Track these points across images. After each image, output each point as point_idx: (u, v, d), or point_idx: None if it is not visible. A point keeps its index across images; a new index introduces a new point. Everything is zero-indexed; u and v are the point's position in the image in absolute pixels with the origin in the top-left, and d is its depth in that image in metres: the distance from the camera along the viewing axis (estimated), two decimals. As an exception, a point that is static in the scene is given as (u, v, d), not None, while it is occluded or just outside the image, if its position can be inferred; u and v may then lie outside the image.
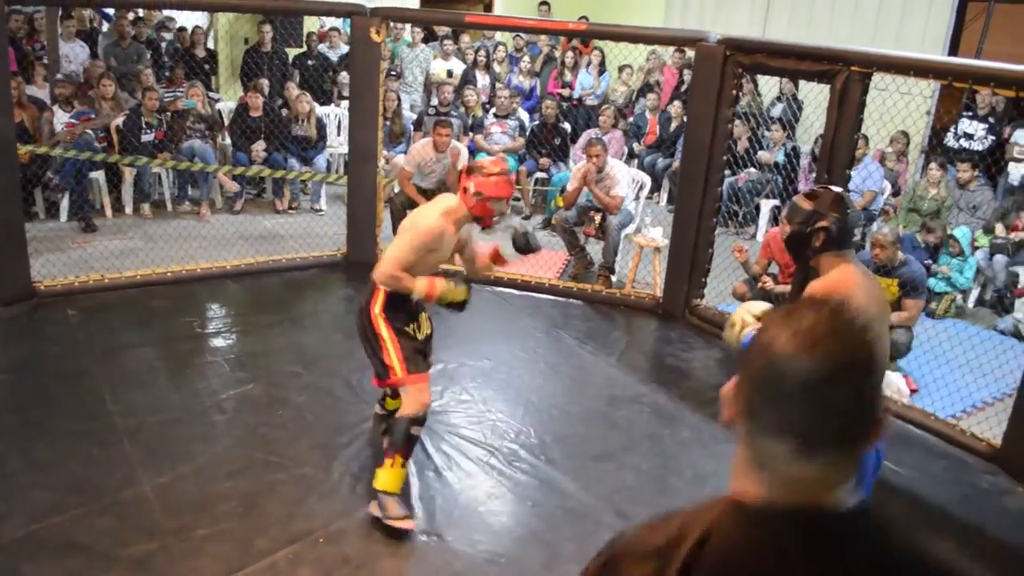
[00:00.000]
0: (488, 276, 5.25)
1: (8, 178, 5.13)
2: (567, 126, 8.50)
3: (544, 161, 8.15)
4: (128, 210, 7.36)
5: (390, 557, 3.23)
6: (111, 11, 8.87)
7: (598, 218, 6.37)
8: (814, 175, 5.27)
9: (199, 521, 3.31)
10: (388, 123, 7.76)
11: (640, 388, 4.69)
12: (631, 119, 9.20)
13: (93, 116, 7.25)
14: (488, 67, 9.57)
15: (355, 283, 5.88)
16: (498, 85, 9.16)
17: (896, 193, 7.48)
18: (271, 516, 3.38)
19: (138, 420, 4.01)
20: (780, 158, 7.67)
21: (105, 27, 9.09)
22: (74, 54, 8.23)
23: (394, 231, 6.23)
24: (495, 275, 5.73)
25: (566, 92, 9.40)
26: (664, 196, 8.56)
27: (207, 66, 8.73)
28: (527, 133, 8.34)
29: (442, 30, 9.91)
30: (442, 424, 4.12)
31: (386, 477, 3.34)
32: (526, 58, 9.70)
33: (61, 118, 7.03)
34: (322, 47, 9.36)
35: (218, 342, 5.01)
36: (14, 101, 5.58)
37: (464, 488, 3.66)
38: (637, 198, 6.73)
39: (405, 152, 7.14)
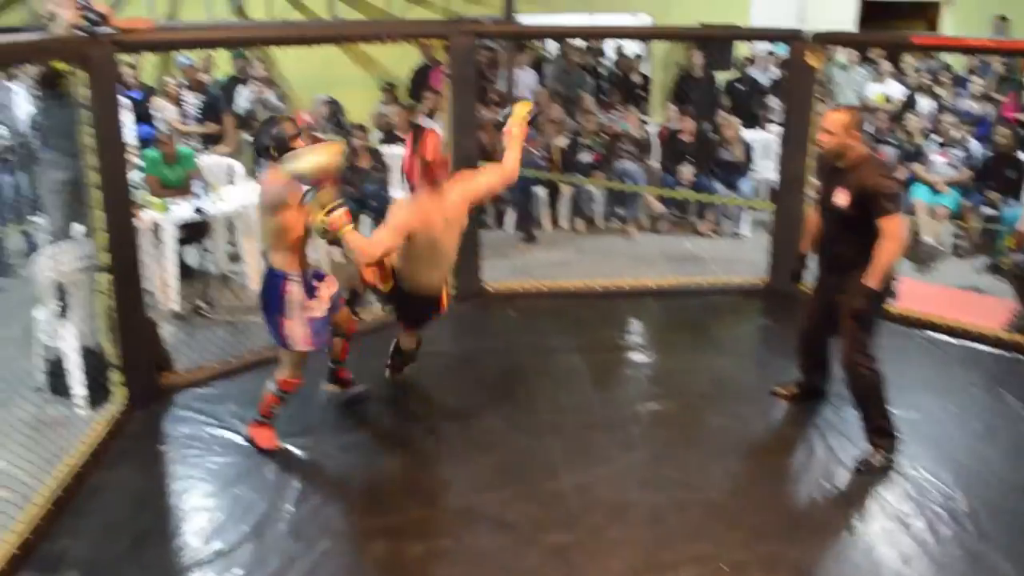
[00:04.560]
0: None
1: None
2: (1025, 157, 7.53)
3: (994, 196, 7.31)
4: (564, 224, 8.06)
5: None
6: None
7: (1058, 265, 5.57)
8: None
9: (611, 523, 3.53)
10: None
11: (1105, 468, 4.01)
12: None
13: (537, 137, 8.03)
14: (932, 90, 8.83)
15: (774, 312, 5.82)
16: (943, 110, 8.41)
17: None
18: (676, 532, 3.49)
19: (563, 419, 4.39)
20: None
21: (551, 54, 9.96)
22: (523, 81, 9.09)
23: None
24: (926, 319, 5.33)
25: (1025, 118, 8.33)
26: None
27: (641, 91, 9.19)
28: (976, 164, 7.55)
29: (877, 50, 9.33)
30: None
31: None
32: (978, 80, 8.78)
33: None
34: (753, 70, 9.37)
35: (637, 356, 5.27)
36: (478, 125, 6.39)
37: (876, 545, 3.45)
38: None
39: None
